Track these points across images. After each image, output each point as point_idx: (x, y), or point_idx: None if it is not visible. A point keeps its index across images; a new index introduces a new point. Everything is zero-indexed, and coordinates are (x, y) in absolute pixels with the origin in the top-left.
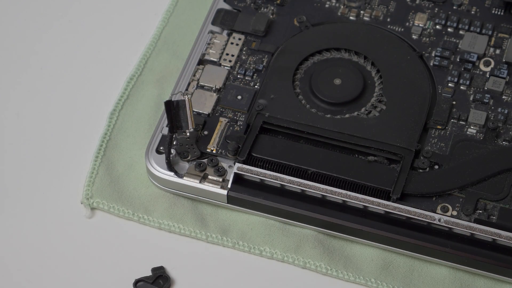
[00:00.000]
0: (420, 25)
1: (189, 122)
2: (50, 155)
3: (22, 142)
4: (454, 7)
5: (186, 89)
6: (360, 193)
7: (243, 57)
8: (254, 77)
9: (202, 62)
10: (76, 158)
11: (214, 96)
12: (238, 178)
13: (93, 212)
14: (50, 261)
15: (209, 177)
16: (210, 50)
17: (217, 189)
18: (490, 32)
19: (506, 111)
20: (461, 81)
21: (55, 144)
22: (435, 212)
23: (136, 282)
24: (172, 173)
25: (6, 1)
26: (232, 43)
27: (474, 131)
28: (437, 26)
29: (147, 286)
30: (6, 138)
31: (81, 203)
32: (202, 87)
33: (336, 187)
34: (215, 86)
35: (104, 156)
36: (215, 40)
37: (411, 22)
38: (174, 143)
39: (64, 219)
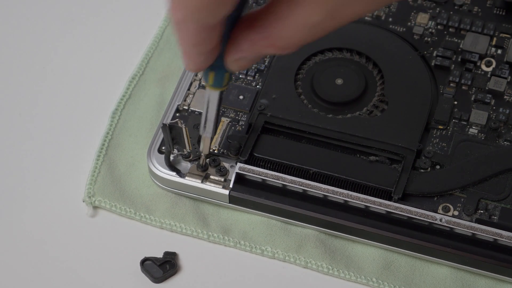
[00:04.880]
0: (422, 25)
1: (186, 146)
2: (52, 154)
3: (25, 141)
4: (456, 7)
5: (188, 89)
6: (361, 193)
7: None
8: (256, 77)
9: None
10: (78, 157)
11: None
12: (240, 178)
13: (95, 210)
14: (51, 259)
15: (211, 177)
16: None
17: (219, 189)
18: (491, 32)
19: (507, 111)
20: (462, 81)
21: (57, 143)
22: (437, 212)
23: (144, 260)
24: (174, 173)
25: (8, 1)
26: None
27: (476, 131)
28: (439, 26)
29: (153, 266)
30: (8, 138)
31: (83, 201)
32: (204, 87)
33: (337, 187)
34: None
35: (106, 155)
36: None
37: (413, 22)
38: (176, 149)
39: (66, 218)
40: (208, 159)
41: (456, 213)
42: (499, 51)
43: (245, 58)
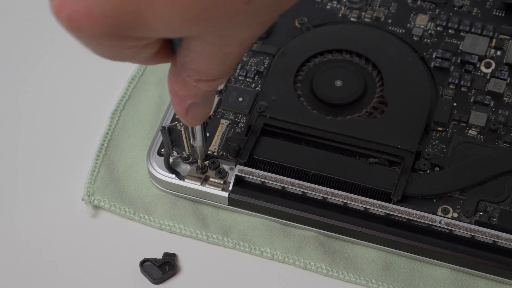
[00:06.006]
0: (421, 26)
1: (185, 148)
2: (51, 155)
3: (25, 142)
4: (455, 9)
5: None
6: (361, 195)
7: (244, 59)
8: (255, 78)
9: None
10: (78, 157)
11: (216, 98)
12: (239, 180)
13: (95, 211)
14: (50, 259)
15: (210, 179)
16: None
17: (218, 191)
18: (491, 34)
19: (507, 113)
20: (462, 82)
21: (57, 143)
22: (436, 214)
23: (144, 261)
24: (173, 175)
25: (8, 1)
26: None
27: (475, 133)
28: (438, 28)
29: (152, 267)
30: (8, 138)
31: (82, 200)
32: None
33: (337, 189)
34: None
35: (106, 156)
36: None
37: (412, 24)
38: (175, 151)
39: (66, 219)
40: (207, 162)
41: (455, 215)
42: (499, 53)
43: (194, 104)
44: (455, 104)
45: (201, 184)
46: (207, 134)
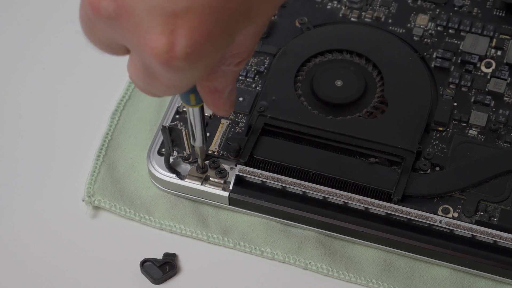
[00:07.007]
0: (422, 26)
1: (186, 148)
2: (52, 155)
3: (25, 142)
4: (456, 8)
5: None
6: (361, 195)
7: None
8: (256, 78)
9: None
10: (78, 157)
11: None
12: (239, 180)
13: (95, 211)
14: (50, 259)
15: (211, 179)
16: None
17: (218, 191)
18: (491, 34)
19: (507, 113)
20: (462, 82)
21: (57, 144)
22: (436, 214)
23: (144, 261)
24: (173, 175)
25: (8, 2)
26: None
27: (475, 132)
28: (439, 28)
29: (153, 267)
30: (9, 138)
31: (83, 201)
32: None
33: (337, 189)
34: None
35: (106, 156)
36: None
37: (413, 23)
38: (176, 151)
39: (66, 219)
40: (207, 161)
41: (455, 214)
42: (499, 53)
43: (231, 91)
44: (455, 104)
45: (202, 184)
46: (208, 134)
